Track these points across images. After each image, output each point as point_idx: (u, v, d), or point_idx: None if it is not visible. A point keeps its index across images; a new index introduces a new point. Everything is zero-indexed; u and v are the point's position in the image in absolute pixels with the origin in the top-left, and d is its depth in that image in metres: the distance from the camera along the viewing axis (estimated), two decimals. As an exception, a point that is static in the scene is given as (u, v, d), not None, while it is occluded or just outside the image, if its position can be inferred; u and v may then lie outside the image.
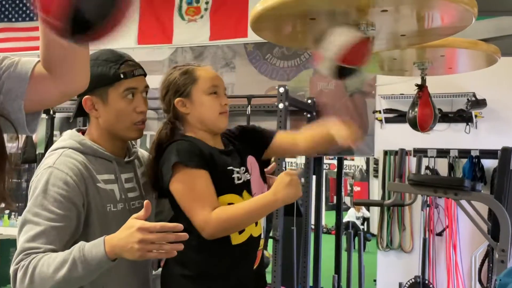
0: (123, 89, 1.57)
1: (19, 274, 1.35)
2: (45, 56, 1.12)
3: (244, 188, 1.66)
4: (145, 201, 1.35)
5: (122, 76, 1.56)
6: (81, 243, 1.37)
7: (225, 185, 1.59)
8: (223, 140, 1.75)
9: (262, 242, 1.73)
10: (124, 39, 4.77)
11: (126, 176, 1.63)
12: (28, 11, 5.13)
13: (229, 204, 1.59)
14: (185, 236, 1.32)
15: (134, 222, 1.32)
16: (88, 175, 1.51)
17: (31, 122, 1.17)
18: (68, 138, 1.58)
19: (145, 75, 1.64)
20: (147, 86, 1.65)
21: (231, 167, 1.64)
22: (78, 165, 1.50)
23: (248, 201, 1.58)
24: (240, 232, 1.61)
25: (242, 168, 1.68)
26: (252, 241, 1.66)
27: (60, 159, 1.50)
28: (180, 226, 1.31)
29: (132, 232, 1.30)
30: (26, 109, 1.13)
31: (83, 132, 1.64)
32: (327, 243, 5.42)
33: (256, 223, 1.67)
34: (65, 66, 1.12)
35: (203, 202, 1.52)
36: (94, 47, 1.07)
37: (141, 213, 1.34)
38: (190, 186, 1.53)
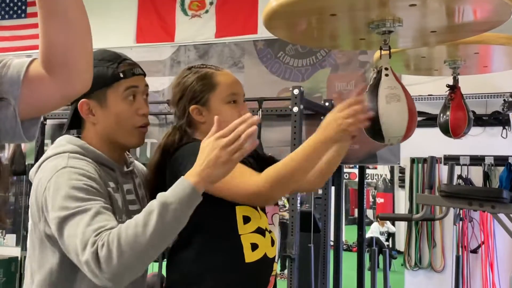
0: (123, 89, 1.58)
1: (102, 253, 1.29)
2: (46, 55, 1.13)
3: None
4: (215, 117, 1.43)
5: (121, 75, 1.58)
6: (159, 194, 1.38)
7: None
8: None
9: (276, 266, 1.75)
10: (121, 37, 4.82)
11: (127, 187, 1.66)
12: (15, 8, 5.18)
13: (244, 216, 1.62)
14: (255, 120, 1.38)
15: (207, 140, 1.40)
16: (102, 176, 1.53)
17: (29, 129, 1.17)
18: (66, 143, 1.59)
19: (144, 74, 1.67)
20: (147, 86, 1.67)
21: None
22: (91, 165, 1.52)
23: (297, 149, 1.58)
24: (254, 249, 1.63)
25: None
26: (266, 262, 1.68)
27: (71, 160, 1.50)
28: (248, 115, 1.40)
29: (211, 147, 1.38)
30: (22, 115, 1.14)
31: None
32: (348, 261, 5.41)
33: (272, 243, 1.68)
34: (69, 65, 1.13)
35: (247, 174, 1.54)
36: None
37: (213, 130, 1.41)
38: None
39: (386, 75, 1.86)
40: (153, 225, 1.31)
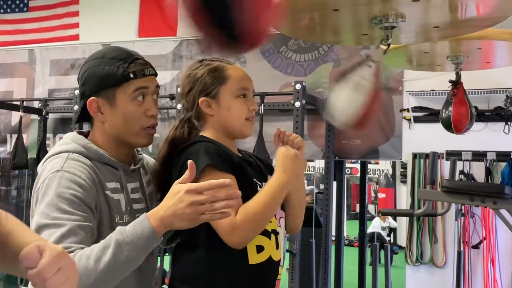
0: (132, 90, 1.57)
1: None
2: None
3: None
4: (189, 161, 1.37)
5: (131, 75, 1.57)
6: (119, 227, 1.37)
7: (249, 198, 1.58)
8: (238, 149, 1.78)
9: (281, 270, 1.73)
10: (123, 32, 4.82)
11: (132, 186, 1.64)
12: (17, 2, 5.17)
13: None
14: (237, 193, 1.33)
15: (180, 187, 1.34)
16: (97, 181, 1.53)
17: None
18: (70, 141, 1.59)
19: (156, 74, 1.66)
20: (158, 87, 1.66)
21: (255, 180, 1.67)
22: (87, 169, 1.52)
23: (263, 190, 1.59)
24: (259, 251, 1.61)
25: (264, 183, 1.69)
26: (272, 265, 1.66)
27: (68, 162, 1.51)
28: (228, 181, 1.32)
29: (180, 197, 1.33)
30: None
31: (85, 136, 1.65)
32: (350, 256, 5.43)
33: (277, 246, 1.67)
34: None
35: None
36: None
37: (186, 175, 1.36)
38: None
39: (370, 66, 1.85)
40: (104, 262, 1.31)
